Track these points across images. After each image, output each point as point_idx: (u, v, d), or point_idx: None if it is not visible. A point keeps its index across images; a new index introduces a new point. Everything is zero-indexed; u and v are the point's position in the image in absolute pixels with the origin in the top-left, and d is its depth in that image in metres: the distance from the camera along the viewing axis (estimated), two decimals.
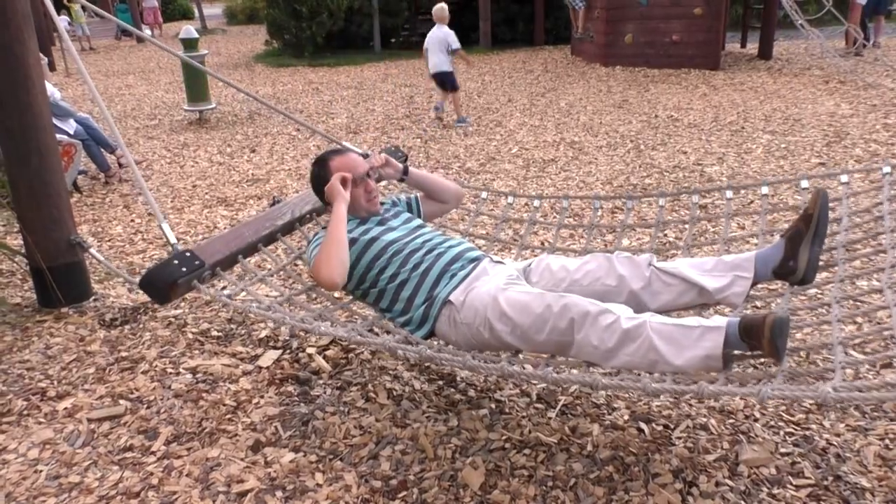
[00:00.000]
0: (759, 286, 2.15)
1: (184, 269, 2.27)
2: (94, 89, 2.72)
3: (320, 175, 2.39)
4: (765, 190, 2.60)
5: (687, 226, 2.68)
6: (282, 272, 2.72)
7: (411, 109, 8.04)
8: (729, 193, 2.65)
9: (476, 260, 2.17)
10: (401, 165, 2.58)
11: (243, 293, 2.44)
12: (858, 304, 2.44)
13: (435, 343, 2.05)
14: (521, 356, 2.00)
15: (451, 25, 7.34)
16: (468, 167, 5.48)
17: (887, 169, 2.34)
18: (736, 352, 1.70)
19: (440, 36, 7.24)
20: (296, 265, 2.82)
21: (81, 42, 17.19)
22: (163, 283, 2.27)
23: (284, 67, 12.57)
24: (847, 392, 1.32)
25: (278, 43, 14.65)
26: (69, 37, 15.91)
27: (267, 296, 2.68)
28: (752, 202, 4.20)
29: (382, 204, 2.54)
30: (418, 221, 2.41)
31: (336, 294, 2.56)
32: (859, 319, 2.54)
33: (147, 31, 19.34)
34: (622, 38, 10.61)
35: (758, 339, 1.59)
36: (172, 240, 2.47)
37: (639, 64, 10.35)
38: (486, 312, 1.93)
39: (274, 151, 6.22)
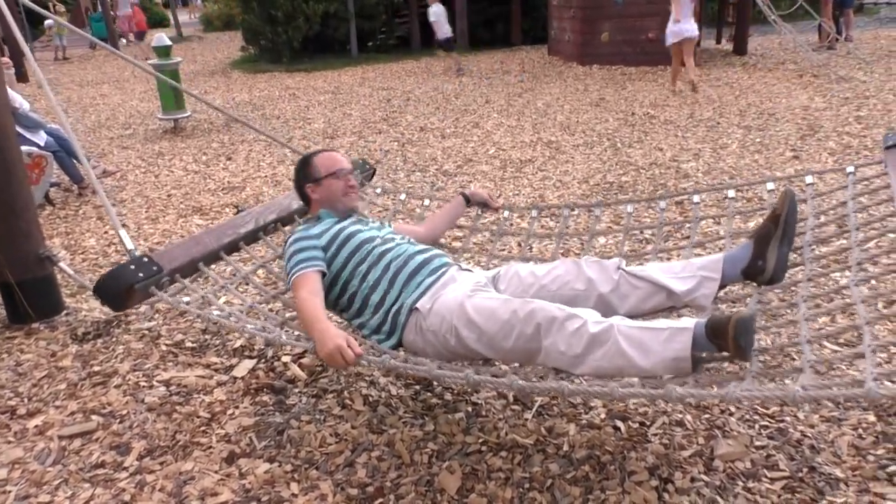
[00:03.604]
0: (730, 288, 2.15)
1: (140, 275, 2.21)
2: (53, 99, 2.68)
3: (304, 172, 2.42)
4: (731, 194, 2.62)
5: (654, 231, 2.68)
6: (245, 281, 2.68)
7: (388, 113, 8.02)
8: (696, 198, 2.66)
9: (444, 266, 2.15)
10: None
11: (204, 300, 2.39)
12: (826, 301, 2.46)
13: (402, 354, 2.02)
14: (489, 364, 1.99)
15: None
16: (445, 169, 5.47)
17: (851, 169, 2.36)
18: (705, 354, 1.70)
19: None
20: (259, 275, 2.78)
21: (56, 52, 16.97)
22: (118, 289, 2.20)
23: (261, 73, 12.49)
24: (815, 391, 1.34)
25: (254, 49, 14.56)
26: (43, 46, 15.65)
27: (229, 303, 2.65)
28: (724, 201, 4.23)
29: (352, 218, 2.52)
30: (390, 229, 2.41)
31: None
32: (827, 317, 2.55)
33: (122, 40, 19.12)
34: (598, 37, 10.66)
35: (723, 338, 1.59)
36: (129, 245, 2.40)
37: (616, 62, 10.40)
38: (452, 319, 1.91)
39: (250, 158, 6.17)
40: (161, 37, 7.41)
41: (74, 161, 5.27)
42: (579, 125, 6.75)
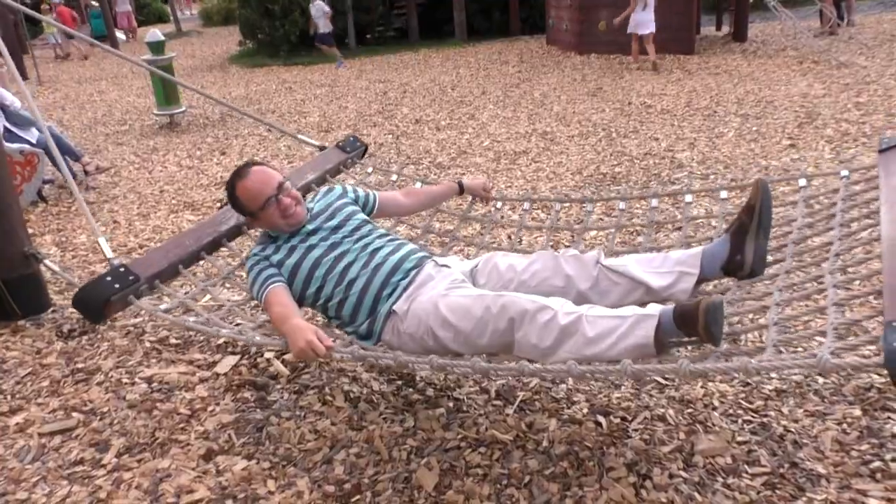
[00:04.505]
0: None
1: (116, 286, 2.21)
2: (31, 99, 2.66)
3: (237, 208, 2.30)
4: (724, 195, 2.59)
5: (645, 228, 2.65)
6: (226, 280, 2.65)
7: (384, 105, 7.98)
8: (688, 198, 2.62)
9: (417, 266, 2.10)
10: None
11: (182, 305, 2.38)
12: (800, 288, 2.43)
13: (379, 348, 2.01)
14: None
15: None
16: (439, 162, 5.43)
17: (845, 173, 2.33)
18: (672, 339, 1.68)
19: None
20: (241, 275, 2.76)
21: (55, 50, 16.96)
22: (95, 303, 2.21)
23: (259, 67, 12.46)
24: (768, 362, 1.33)
25: (252, 43, 14.51)
26: (43, 44, 15.66)
27: (210, 303, 2.63)
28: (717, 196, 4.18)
29: (330, 191, 2.46)
30: (359, 220, 2.28)
31: None
32: (799, 302, 2.49)
33: (121, 36, 19.10)
34: (596, 26, 10.57)
35: (693, 326, 1.58)
36: (109, 254, 2.40)
37: (613, 51, 10.30)
38: (428, 321, 1.90)
39: (244, 153, 6.15)
40: (154, 32, 7.38)
41: (67, 158, 5.26)
42: (575, 115, 6.70)
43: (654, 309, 1.67)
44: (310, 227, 2.23)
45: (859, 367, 1.22)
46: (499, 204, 2.93)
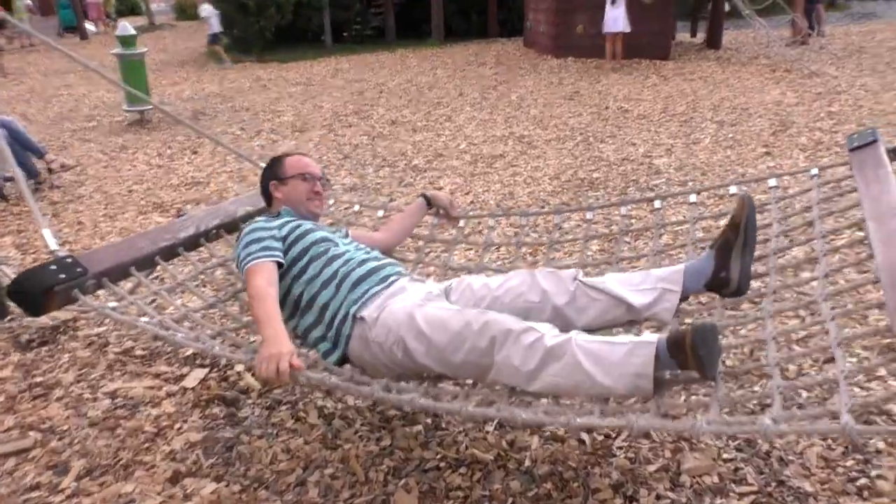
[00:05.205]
0: (692, 301, 2.07)
1: (62, 276, 2.02)
2: None
3: (272, 170, 2.29)
4: (693, 198, 2.54)
5: (617, 237, 2.60)
6: (182, 288, 2.52)
7: (360, 105, 7.86)
8: (658, 203, 2.56)
9: (394, 276, 2.01)
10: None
11: (133, 307, 2.20)
12: (794, 317, 2.39)
13: (346, 370, 1.87)
14: (439, 385, 1.86)
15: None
16: (415, 164, 5.35)
17: (814, 171, 2.28)
18: (668, 374, 1.61)
19: None
20: (202, 278, 2.63)
21: (21, 41, 16.47)
22: (36, 291, 1.99)
23: (233, 63, 12.23)
24: (787, 425, 1.28)
25: (227, 39, 14.26)
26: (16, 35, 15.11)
27: (162, 310, 2.50)
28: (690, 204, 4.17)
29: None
30: (343, 233, 2.29)
31: (244, 318, 2.37)
32: (796, 334, 2.42)
33: (91, 27, 18.67)
34: (573, 30, 10.58)
35: (682, 350, 1.49)
36: (53, 246, 2.19)
37: (591, 55, 10.32)
38: (399, 330, 1.78)
39: (216, 153, 5.99)
40: (125, 25, 7.18)
41: (29, 155, 5.06)
42: (552, 119, 6.67)
43: (652, 337, 1.58)
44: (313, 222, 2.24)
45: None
46: (461, 223, 2.81)
